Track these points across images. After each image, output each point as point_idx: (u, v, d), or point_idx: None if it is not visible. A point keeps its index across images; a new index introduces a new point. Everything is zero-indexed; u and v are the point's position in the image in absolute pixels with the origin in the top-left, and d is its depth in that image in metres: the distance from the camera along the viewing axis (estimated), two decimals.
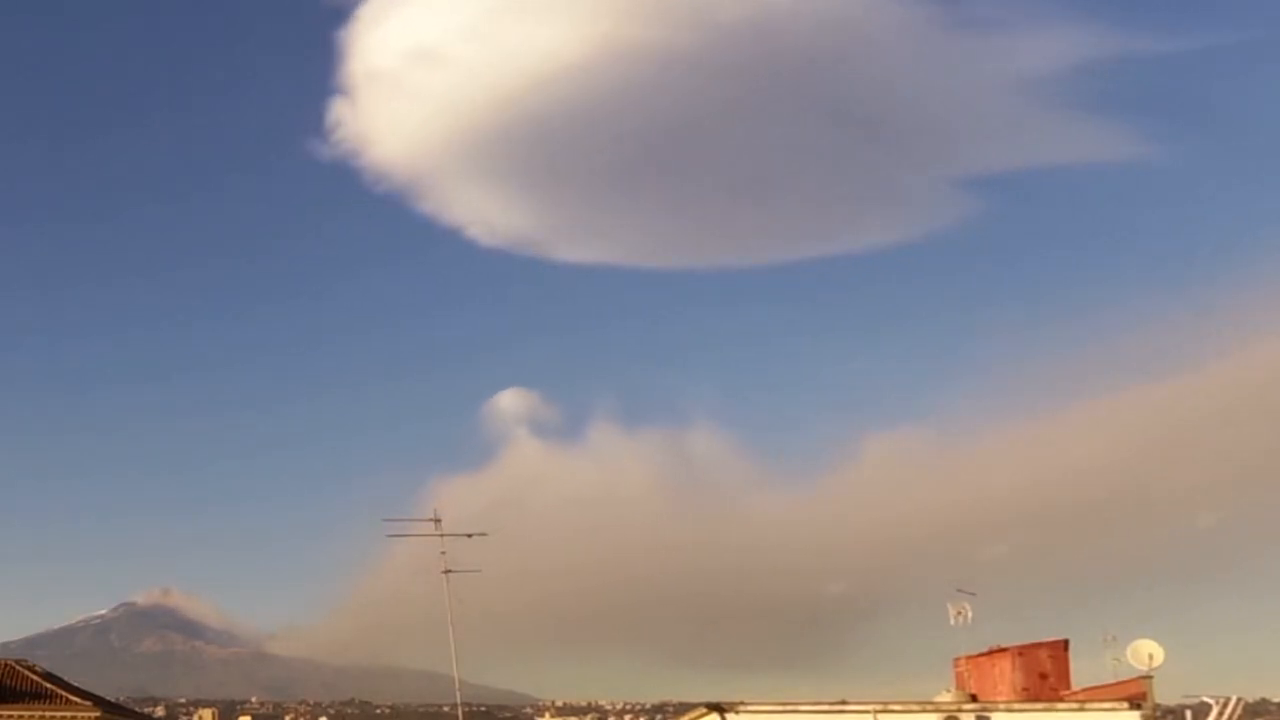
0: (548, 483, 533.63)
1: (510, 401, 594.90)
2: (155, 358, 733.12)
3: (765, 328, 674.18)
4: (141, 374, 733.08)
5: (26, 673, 67.64)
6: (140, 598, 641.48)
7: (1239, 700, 40.52)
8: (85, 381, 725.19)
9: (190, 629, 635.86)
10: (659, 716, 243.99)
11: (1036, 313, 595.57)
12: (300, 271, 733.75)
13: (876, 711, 36.55)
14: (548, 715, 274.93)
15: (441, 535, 39.67)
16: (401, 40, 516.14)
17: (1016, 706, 38.39)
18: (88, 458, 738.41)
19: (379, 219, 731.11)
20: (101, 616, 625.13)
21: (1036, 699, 39.85)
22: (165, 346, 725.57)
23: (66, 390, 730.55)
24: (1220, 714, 39.98)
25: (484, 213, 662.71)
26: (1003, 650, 42.67)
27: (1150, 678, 37.65)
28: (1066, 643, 42.53)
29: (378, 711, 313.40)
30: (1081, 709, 37.14)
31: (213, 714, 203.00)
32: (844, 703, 37.58)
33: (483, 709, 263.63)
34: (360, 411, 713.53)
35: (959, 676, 43.99)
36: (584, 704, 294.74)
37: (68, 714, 65.10)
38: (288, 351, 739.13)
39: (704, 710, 37.15)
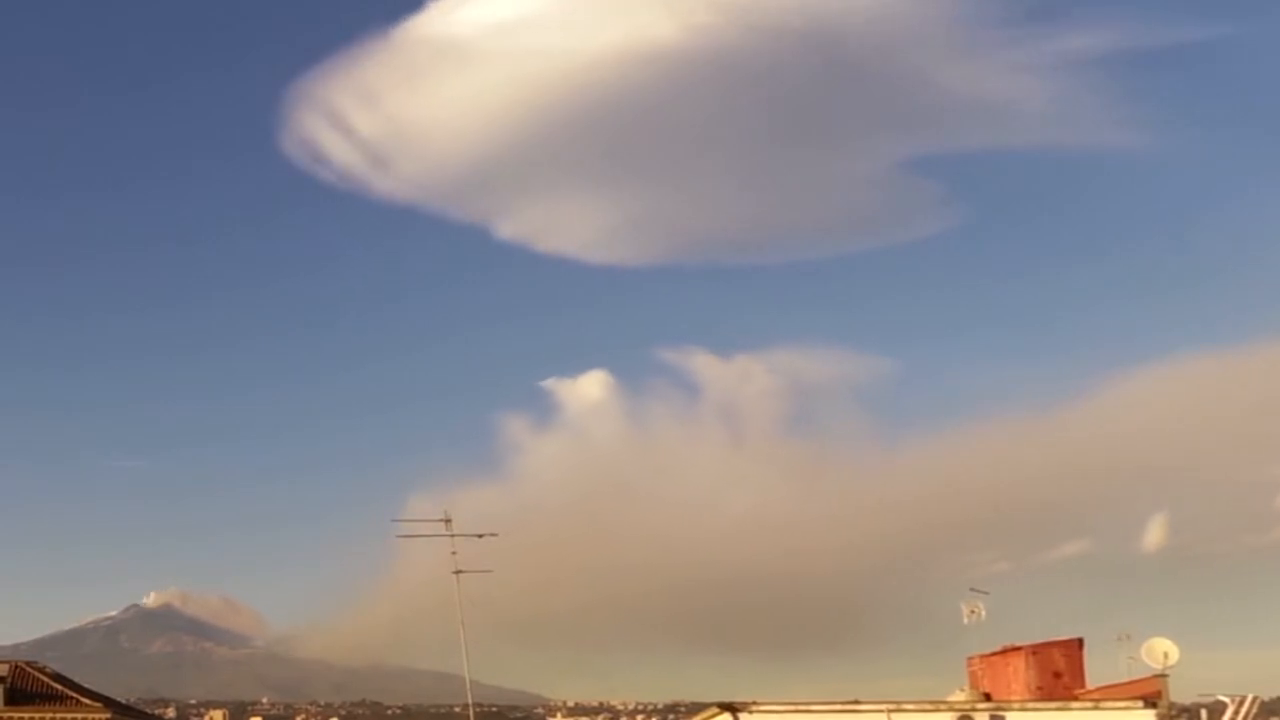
0: (561, 476, 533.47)
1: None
2: (163, 359, 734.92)
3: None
4: (149, 374, 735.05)
5: (37, 674, 67.76)
6: (150, 599, 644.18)
7: (1255, 699, 40.28)
8: (91, 383, 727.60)
9: (200, 630, 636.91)
10: (671, 716, 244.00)
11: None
12: (318, 292, 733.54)
13: (890, 711, 36.28)
14: (559, 715, 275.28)
15: (452, 535, 39.51)
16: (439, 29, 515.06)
17: (1030, 706, 38.07)
18: (94, 458, 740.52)
19: (405, 215, 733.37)
20: (111, 618, 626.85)
21: (1050, 698, 39.56)
22: (177, 347, 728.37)
23: (72, 391, 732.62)
24: (1236, 713, 39.75)
25: (508, 209, 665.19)
26: (1016, 649, 42.44)
27: (1165, 676, 37.36)
28: (1081, 641, 42.27)
29: (389, 712, 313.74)
30: (1096, 708, 36.83)
31: (223, 715, 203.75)
32: (856, 702, 37.30)
33: (494, 709, 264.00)
34: (371, 412, 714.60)
35: (972, 675, 43.79)
36: (595, 704, 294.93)
37: (78, 715, 65.16)
38: (297, 351, 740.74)
39: (716, 710, 36.90)
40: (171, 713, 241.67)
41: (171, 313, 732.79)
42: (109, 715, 66.75)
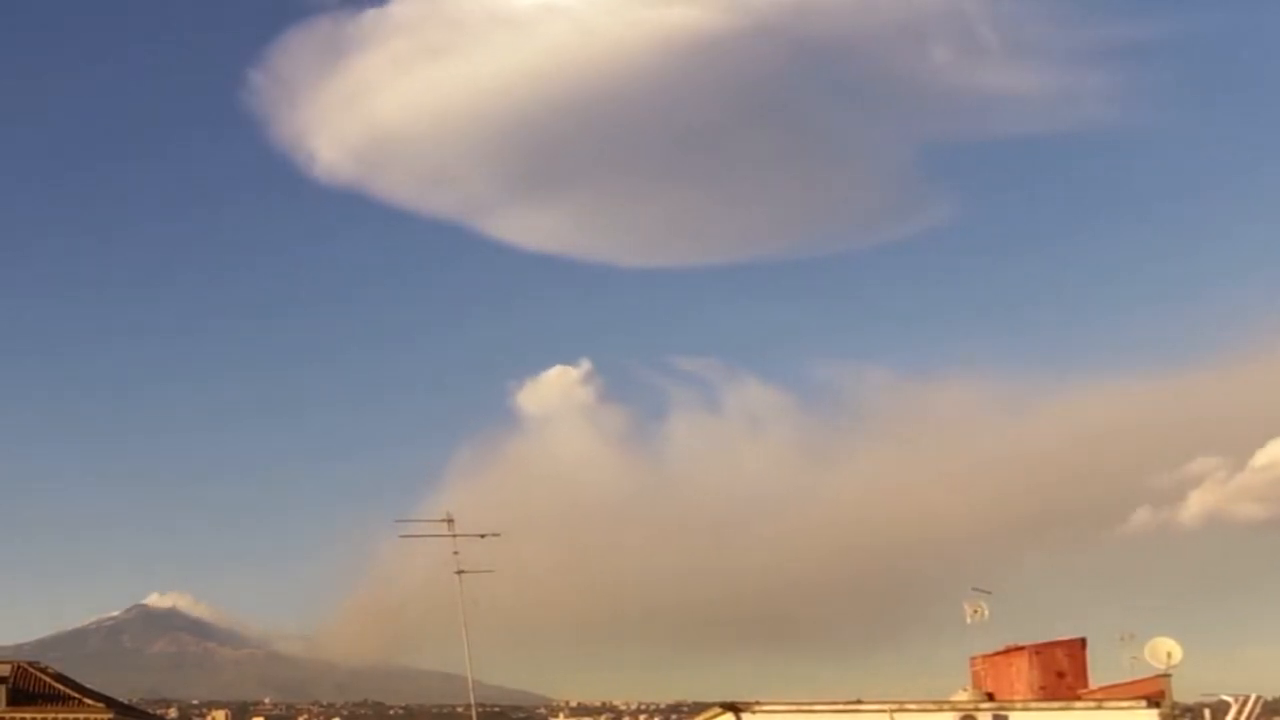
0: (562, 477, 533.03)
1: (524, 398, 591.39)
2: (166, 361, 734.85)
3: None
4: (152, 376, 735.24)
5: (39, 675, 67.79)
6: (152, 599, 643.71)
7: (1258, 699, 40.25)
8: (95, 385, 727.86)
9: (202, 630, 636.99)
10: (674, 716, 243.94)
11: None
12: (310, 280, 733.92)
13: (892, 711, 36.27)
14: (562, 715, 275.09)
15: (454, 535, 39.57)
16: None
17: (1034, 705, 38.07)
18: (97, 460, 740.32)
19: (392, 226, 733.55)
20: (114, 618, 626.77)
21: (1054, 698, 39.53)
22: (175, 351, 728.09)
23: (75, 394, 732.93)
24: (1239, 712, 39.71)
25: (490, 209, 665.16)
26: (1019, 649, 42.39)
27: (1169, 676, 37.33)
28: (1084, 641, 42.19)
29: (391, 712, 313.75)
30: (1099, 708, 36.82)
31: (225, 715, 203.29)
32: (859, 702, 37.29)
33: (497, 709, 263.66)
34: (373, 412, 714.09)
35: (975, 675, 43.73)
36: (598, 704, 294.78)
37: (80, 716, 65.19)
38: (300, 353, 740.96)
39: (719, 710, 36.91)
40: (174, 713, 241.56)
41: (173, 300, 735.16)
42: (111, 715, 66.76)
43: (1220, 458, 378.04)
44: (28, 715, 64.16)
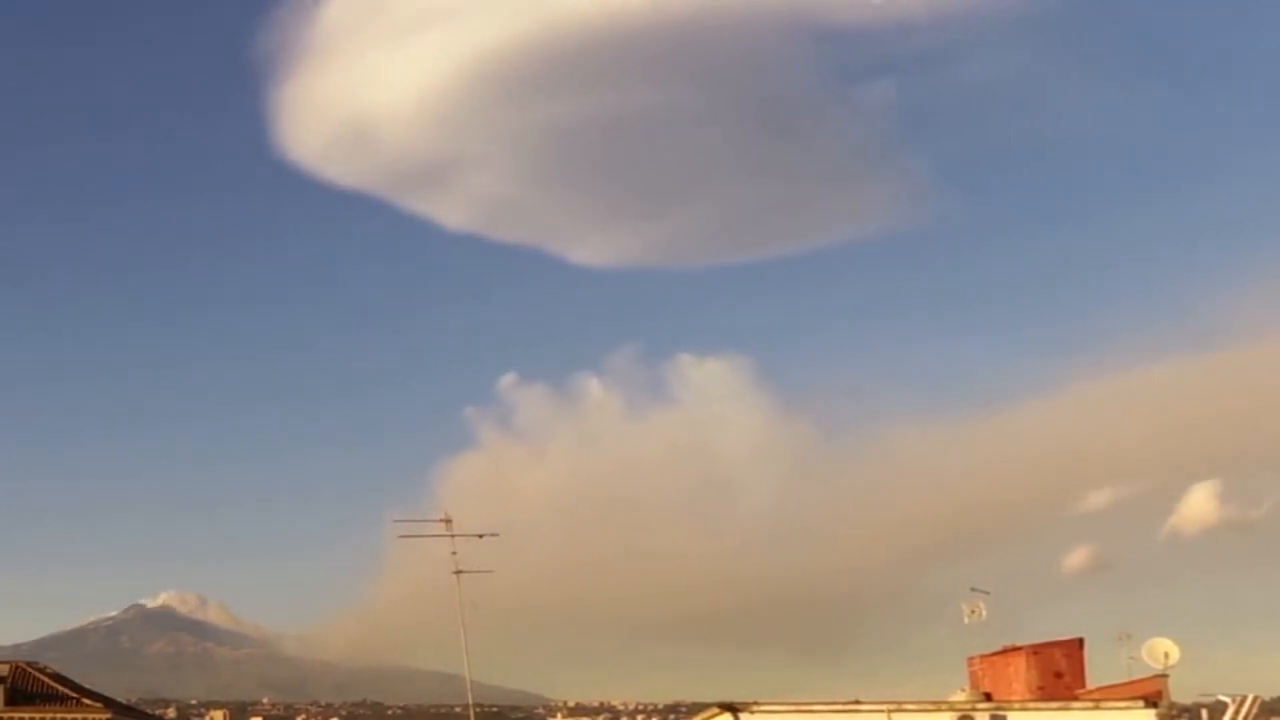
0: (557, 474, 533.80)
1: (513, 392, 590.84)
2: (163, 360, 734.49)
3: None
4: (150, 376, 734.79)
5: (38, 675, 67.74)
6: (151, 599, 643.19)
7: (1255, 699, 40.24)
8: (93, 384, 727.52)
9: (201, 630, 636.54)
10: (672, 716, 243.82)
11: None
12: (304, 272, 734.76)
13: (890, 711, 36.27)
14: (560, 715, 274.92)
15: (452, 535, 39.55)
16: None
17: (1031, 705, 38.09)
18: (97, 459, 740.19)
19: (378, 219, 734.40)
20: (112, 618, 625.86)
21: (1051, 698, 39.55)
22: (174, 349, 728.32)
23: (75, 392, 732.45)
24: (1237, 712, 39.72)
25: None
26: (1017, 649, 42.42)
27: (1166, 676, 37.37)
28: (1081, 641, 42.26)
29: (389, 712, 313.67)
30: (1096, 708, 36.82)
31: (224, 715, 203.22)
32: (857, 702, 37.28)
33: (495, 709, 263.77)
34: (371, 412, 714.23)
35: (973, 676, 43.73)
36: (596, 704, 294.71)
37: (79, 716, 65.15)
38: (298, 353, 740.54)
39: (717, 710, 36.91)
40: (172, 713, 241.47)
41: (173, 332, 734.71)
42: (109, 715, 66.73)
43: None
44: (26, 715, 64.13)
